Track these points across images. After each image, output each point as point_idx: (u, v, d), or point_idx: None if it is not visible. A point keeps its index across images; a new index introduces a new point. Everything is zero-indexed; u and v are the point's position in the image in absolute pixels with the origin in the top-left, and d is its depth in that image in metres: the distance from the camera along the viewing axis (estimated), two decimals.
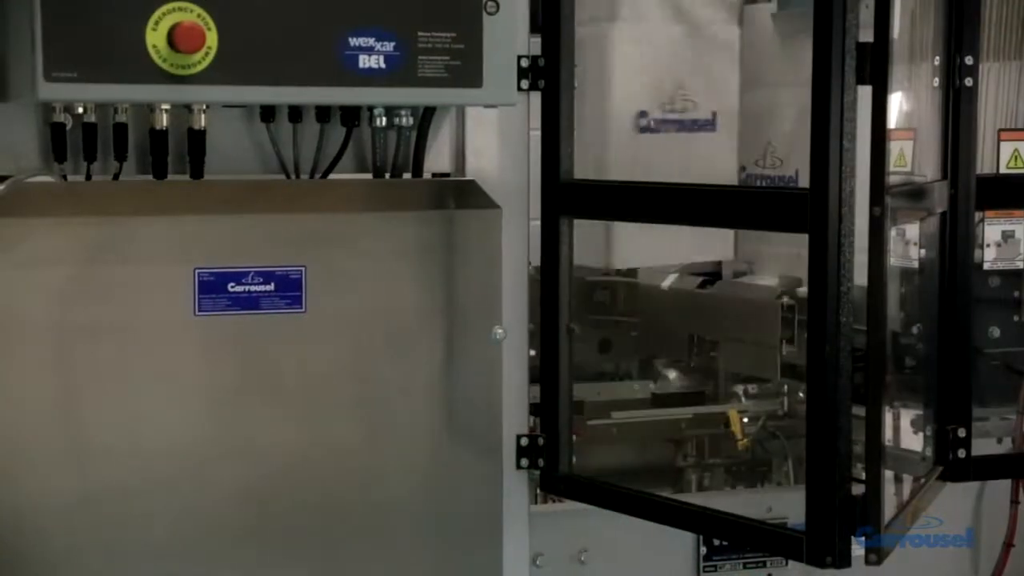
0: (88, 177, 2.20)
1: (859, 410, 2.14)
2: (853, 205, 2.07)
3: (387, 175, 2.38)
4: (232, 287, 2.27)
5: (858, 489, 2.13)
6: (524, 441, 2.47)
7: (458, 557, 2.43)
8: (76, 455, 2.20)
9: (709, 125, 3.07)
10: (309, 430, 2.33)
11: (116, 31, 1.99)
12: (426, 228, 2.39)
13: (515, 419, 2.47)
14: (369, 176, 2.38)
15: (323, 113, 2.32)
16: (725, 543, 2.71)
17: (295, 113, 2.31)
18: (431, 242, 2.39)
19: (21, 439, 2.15)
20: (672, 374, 3.29)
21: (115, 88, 2.03)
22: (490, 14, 2.20)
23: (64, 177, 2.18)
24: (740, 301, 3.13)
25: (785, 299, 2.99)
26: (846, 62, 2.05)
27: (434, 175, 2.44)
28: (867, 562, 2.15)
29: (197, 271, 2.24)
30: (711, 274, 3.31)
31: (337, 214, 2.34)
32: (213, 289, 2.26)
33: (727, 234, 3.17)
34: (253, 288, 2.28)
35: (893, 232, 2.40)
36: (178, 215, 2.23)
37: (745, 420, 3.06)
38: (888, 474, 2.29)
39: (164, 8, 2.01)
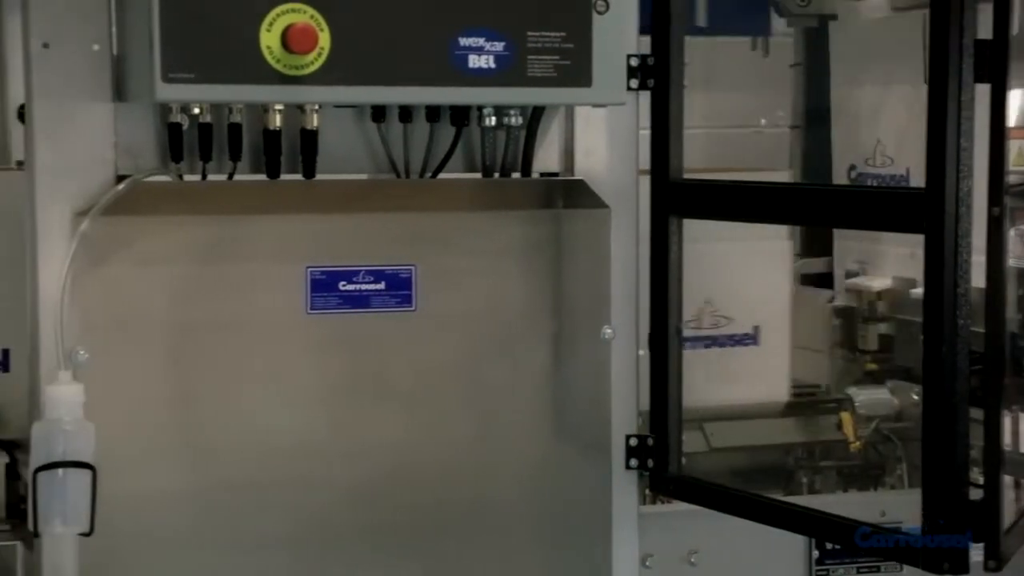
0: (203, 176, 2.23)
1: (976, 413, 2.10)
2: (971, 205, 2.03)
3: (496, 174, 2.38)
4: (343, 286, 2.29)
5: (975, 494, 2.09)
6: (633, 441, 2.46)
7: (567, 557, 2.42)
8: (191, 450, 2.24)
9: None
10: (418, 428, 2.35)
11: (231, 33, 2.02)
12: (535, 227, 2.39)
13: (624, 419, 2.46)
14: (478, 175, 2.39)
15: (433, 113, 2.32)
16: (838, 547, 2.67)
17: (405, 113, 2.32)
18: (540, 241, 2.39)
19: (138, 433, 2.19)
20: None
21: (230, 89, 2.06)
22: (600, 13, 2.19)
23: (180, 176, 2.21)
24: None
25: (838, 301, 2.95)
26: (964, 60, 2.00)
27: (542, 175, 2.43)
28: (986, 568, 2.10)
29: (309, 270, 2.27)
30: (821, 275, 3.28)
31: (447, 213, 2.35)
32: (325, 287, 2.28)
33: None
34: (364, 287, 2.30)
35: (1012, 232, 2.35)
36: (290, 214, 2.26)
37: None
38: (1007, 479, 2.24)
39: (278, 9, 2.03)
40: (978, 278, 2.08)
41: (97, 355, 2.13)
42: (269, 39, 2.03)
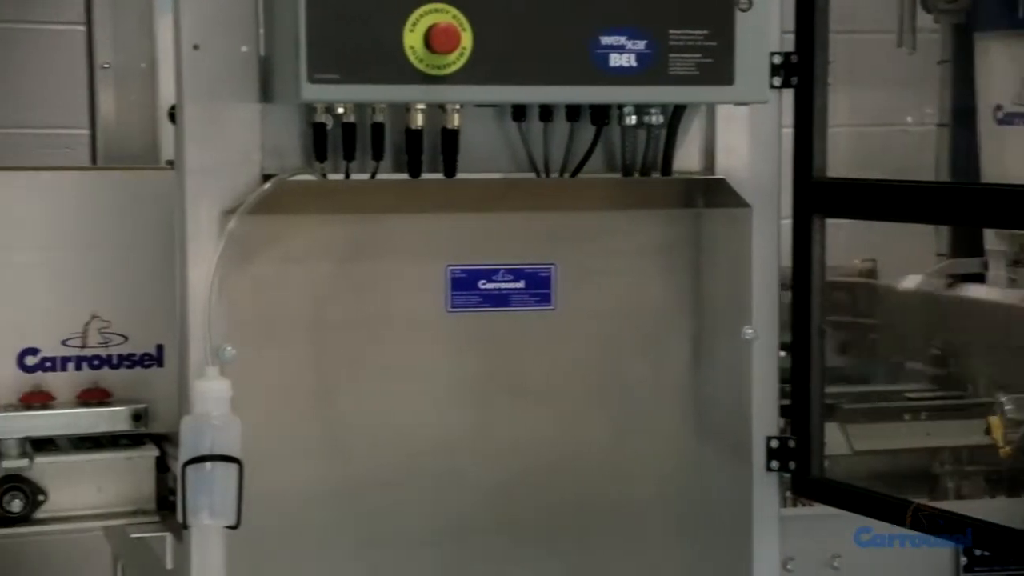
0: (347, 175, 2.25)
1: None
2: None
3: (636, 173, 2.37)
4: (483, 284, 2.30)
5: None
6: (774, 443, 2.43)
7: (707, 558, 2.40)
8: (332, 446, 2.27)
9: None
10: (557, 427, 2.35)
11: (375, 33, 2.04)
12: (675, 227, 2.38)
13: (764, 421, 2.43)
14: (618, 175, 2.38)
15: (573, 112, 2.32)
16: (987, 553, 2.60)
17: (546, 112, 2.32)
18: (680, 241, 2.38)
19: (282, 428, 2.23)
20: (921, 378, 3.20)
21: (373, 89, 2.08)
22: (743, 11, 2.17)
23: (324, 176, 2.24)
24: (992, 305, 3.01)
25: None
26: None
27: (682, 174, 2.42)
28: None
29: (449, 268, 2.28)
30: (972, 275, 3.20)
31: (586, 212, 2.35)
32: (465, 286, 2.29)
33: None
34: (503, 285, 2.31)
35: None
36: (431, 213, 2.27)
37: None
38: None
39: (421, 10, 2.05)
40: None
41: (243, 351, 2.17)
42: (412, 39, 2.05)
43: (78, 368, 2.38)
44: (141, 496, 2.37)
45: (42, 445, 2.34)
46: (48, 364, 2.37)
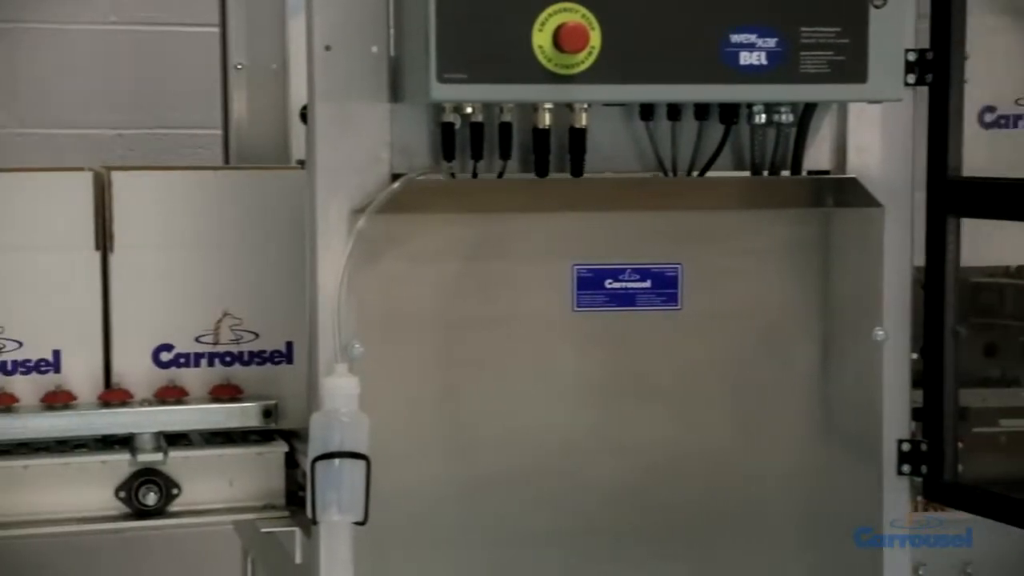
0: (474, 175, 2.26)
1: None
2: None
3: (765, 172, 2.35)
4: (609, 283, 2.29)
5: None
6: (906, 447, 2.39)
7: (835, 564, 2.37)
8: (458, 444, 2.28)
9: None
10: (682, 427, 2.33)
11: (504, 33, 2.05)
12: (805, 226, 2.35)
13: (896, 423, 2.39)
14: (747, 174, 2.36)
15: (702, 111, 2.31)
16: None
17: (674, 111, 2.31)
18: (809, 240, 2.35)
19: (408, 426, 2.24)
20: None
21: (502, 88, 2.08)
22: (876, 7, 2.14)
23: (452, 175, 2.25)
24: None
25: None
26: None
27: (813, 172, 2.39)
28: None
29: (576, 267, 2.28)
30: None
31: (714, 212, 2.33)
32: (591, 285, 2.29)
33: None
34: (630, 285, 2.30)
35: None
36: (558, 212, 2.27)
37: None
38: None
39: (550, 9, 2.05)
40: None
41: (371, 349, 2.19)
42: (541, 38, 2.05)
43: (211, 364, 2.43)
44: (271, 491, 2.40)
45: (175, 440, 2.39)
46: (182, 360, 2.41)
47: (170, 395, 2.38)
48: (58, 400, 2.33)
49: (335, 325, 2.14)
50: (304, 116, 2.24)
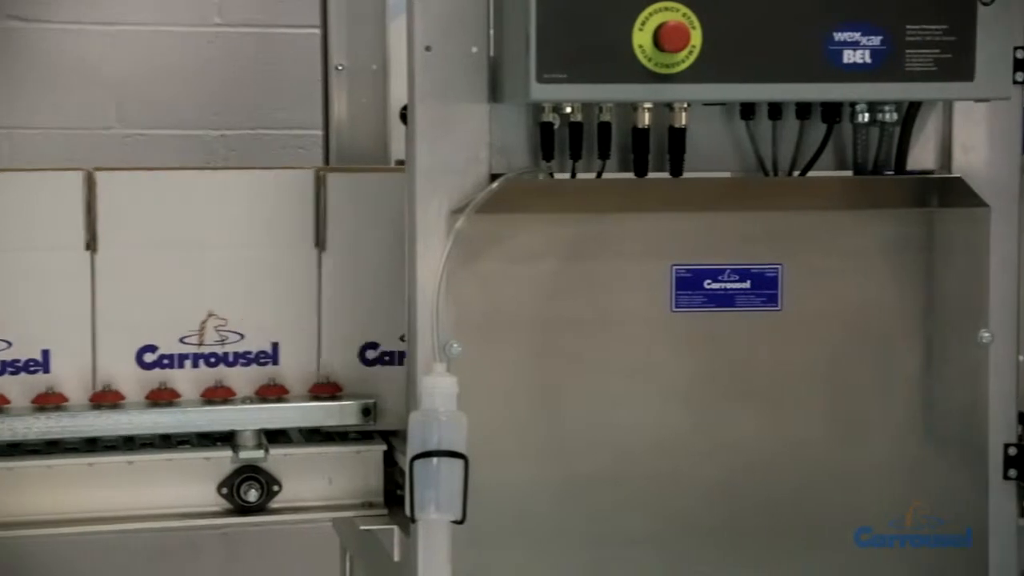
0: (573, 175, 2.26)
1: None
2: None
3: (868, 172, 2.32)
4: (708, 284, 2.28)
5: None
6: (1012, 451, 2.35)
7: (939, 568, 2.33)
8: (555, 444, 2.27)
9: None
10: (782, 429, 2.31)
11: (605, 32, 2.05)
12: (908, 227, 2.31)
13: (1002, 427, 2.35)
14: (849, 173, 2.33)
15: (803, 110, 2.28)
16: None
17: (775, 110, 2.29)
18: (913, 241, 2.32)
19: (505, 425, 2.25)
20: None
21: (602, 88, 2.08)
22: (985, 4, 2.10)
23: (551, 175, 2.25)
24: None
25: None
26: None
27: (916, 172, 2.35)
28: None
29: (674, 267, 2.27)
30: None
31: (815, 212, 2.30)
32: (690, 286, 2.27)
33: None
34: (729, 285, 2.28)
35: None
36: (657, 212, 2.26)
37: None
38: None
39: (651, 8, 2.04)
40: None
41: (469, 348, 2.19)
42: (641, 38, 2.05)
43: (195, 366, 2.41)
44: (369, 489, 2.42)
45: (275, 437, 2.41)
46: (166, 362, 2.40)
47: (271, 393, 2.40)
48: (163, 397, 2.37)
49: (434, 324, 2.15)
50: (404, 117, 2.25)
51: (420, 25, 2.17)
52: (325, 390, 2.43)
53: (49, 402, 2.32)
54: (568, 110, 2.21)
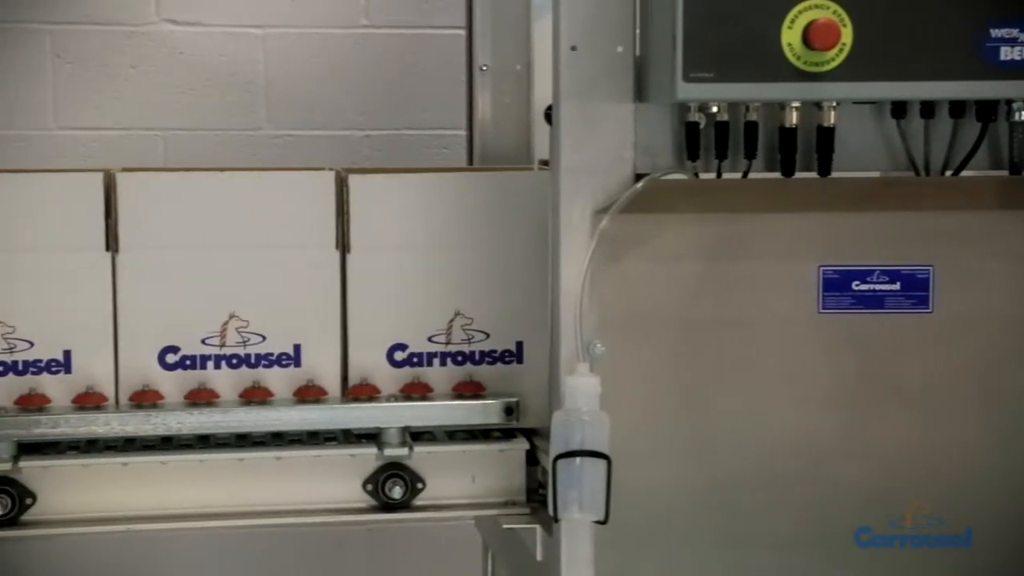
0: (718, 175, 2.24)
1: None
2: None
3: None
4: (856, 285, 2.25)
5: None
6: None
7: None
8: (699, 445, 2.26)
9: None
10: (932, 434, 2.27)
11: (752, 31, 2.03)
12: None
13: None
14: (1004, 173, 2.27)
15: (957, 108, 2.23)
16: None
17: (927, 108, 2.24)
18: None
19: (648, 426, 2.24)
20: None
21: (749, 87, 2.06)
22: None
23: (696, 175, 2.23)
24: None
25: None
26: None
27: None
28: None
29: (821, 268, 2.24)
30: None
31: (969, 212, 2.25)
32: (837, 287, 2.24)
33: None
34: (878, 287, 2.25)
35: None
36: (804, 212, 2.24)
37: None
38: None
39: (801, 6, 2.02)
40: None
41: (612, 348, 2.19)
42: (790, 36, 2.02)
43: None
44: (512, 488, 2.42)
45: (418, 435, 2.43)
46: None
47: (416, 391, 2.43)
48: (309, 394, 2.41)
49: (577, 324, 2.15)
50: (548, 117, 2.25)
51: (566, 25, 2.16)
52: (468, 388, 2.45)
53: (90, 402, 2.36)
54: (714, 109, 2.18)
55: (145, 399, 2.37)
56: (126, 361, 2.38)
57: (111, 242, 2.36)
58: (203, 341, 2.39)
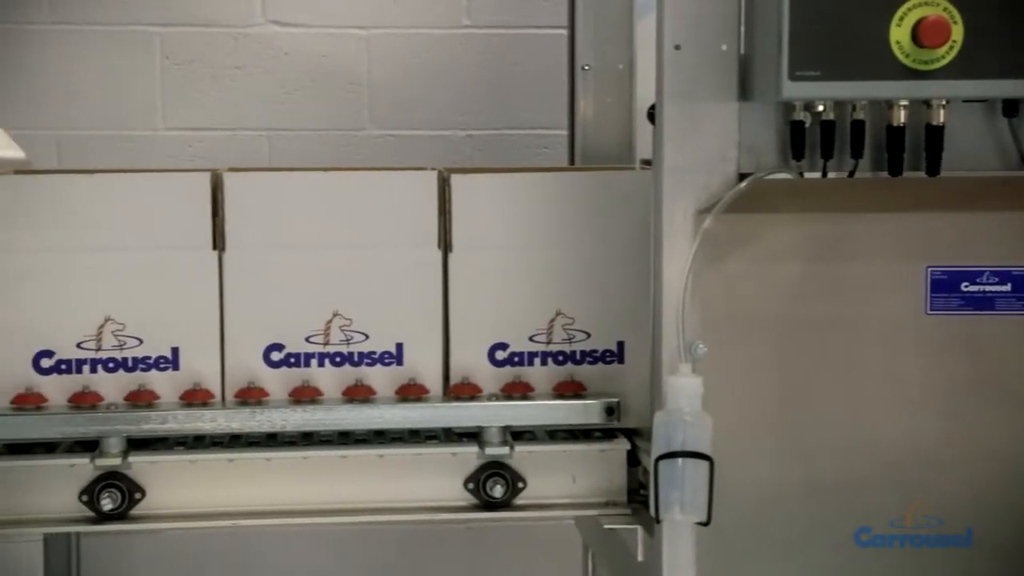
0: (824, 174, 2.22)
1: None
2: None
3: None
4: (965, 286, 2.21)
5: None
6: None
7: None
8: (802, 447, 2.24)
9: None
10: None
11: (860, 29, 2.01)
12: None
13: None
14: None
15: None
16: None
17: None
18: None
19: (752, 427, 2.23)
20: None
21: (856, 85, 2.04)
22: None
23: (801, 174, 2.21)
24: None
25: None
26: None
27: None
28: None
29: (929, 269, 2.21)
30: None
31: None
32: (946, 288, 2.21)
33: None
34: (988, 288, 2.21)
35: None
36: (911, 212, 2.21)
37: None
38: None
39: (910, 3, 2.00)
40: None
41: (715, 349, 2.17)
42: (899, 34, 2.00)
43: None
44: (612, 488, 2.42)
45: (519, 435, 2.43)
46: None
47: (516, 390, 2.43)
48: (411, 392, 2.42)
49: (679, 324, 2.14)
50: (651, 116, 2.24)
51: (670, 24, 2.15)
52: (569, 388, 2.45)
53: (197, 398, 2.39)
54: (820, 108, 2.16)
55: (250, 396, 2.40)
56: (232, 358, 2.41)
57: (218, 241, 2.40)
58: (307, 339, 2.42)
